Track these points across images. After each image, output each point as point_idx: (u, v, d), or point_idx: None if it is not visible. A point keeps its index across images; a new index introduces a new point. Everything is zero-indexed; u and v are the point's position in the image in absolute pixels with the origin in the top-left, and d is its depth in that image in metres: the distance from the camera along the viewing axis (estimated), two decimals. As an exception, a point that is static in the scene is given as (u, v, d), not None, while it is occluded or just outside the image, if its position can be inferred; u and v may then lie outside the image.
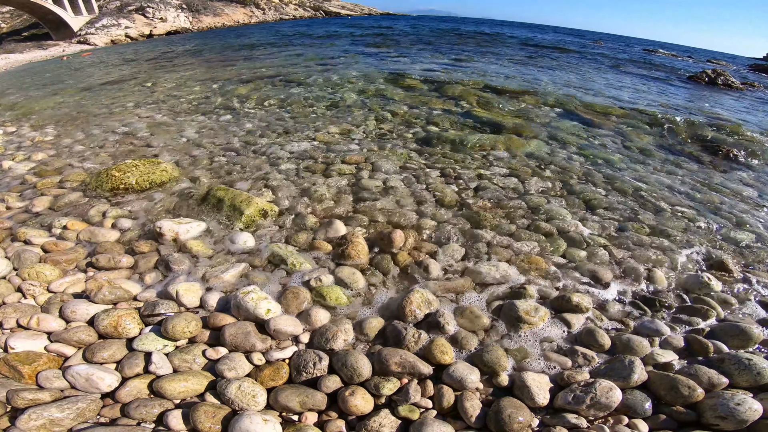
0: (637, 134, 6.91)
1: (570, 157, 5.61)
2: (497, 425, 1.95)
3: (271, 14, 51.04)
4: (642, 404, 2.07)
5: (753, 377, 2.16)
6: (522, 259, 3.22)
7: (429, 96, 8.52)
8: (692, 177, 5.31)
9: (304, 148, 5.52)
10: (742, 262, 3.49)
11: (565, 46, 22.58)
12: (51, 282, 2.80)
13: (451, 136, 6.02)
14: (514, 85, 10.09)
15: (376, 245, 3.34)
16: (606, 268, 3.23)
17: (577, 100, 8.98)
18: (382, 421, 1.99)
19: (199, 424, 1.89)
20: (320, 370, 2.21)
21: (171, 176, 4.48)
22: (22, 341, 2.25)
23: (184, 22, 40.61)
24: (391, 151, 5.47)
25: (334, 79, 9.98)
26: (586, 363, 2.35)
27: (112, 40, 32.07)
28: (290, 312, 2.58)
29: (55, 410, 1.87)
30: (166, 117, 7.11)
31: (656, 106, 9.42)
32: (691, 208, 4.40)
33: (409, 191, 4.42)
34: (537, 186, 4.66)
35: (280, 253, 3.08)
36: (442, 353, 2.30)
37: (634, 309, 2.79)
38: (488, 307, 2.74)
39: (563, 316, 2.64)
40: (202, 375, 2.19)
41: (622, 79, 13.54)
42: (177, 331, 2.32)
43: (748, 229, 4.01)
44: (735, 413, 1.94)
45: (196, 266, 3.07)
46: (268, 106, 7.76)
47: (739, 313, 2.85)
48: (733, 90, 14.20)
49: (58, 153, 5.44)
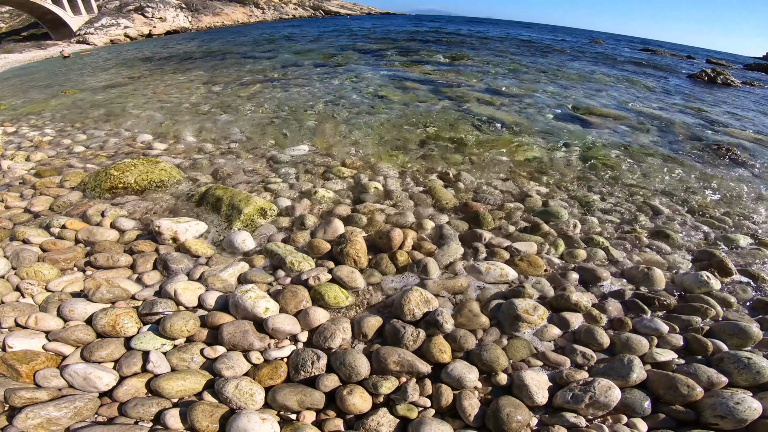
0: (635, 134, 6.90)
1: (568, 158, 5.60)
2: (496, 424, 1.95)
3: (271, 14, 51.00)
4: (641, 403, 2.07)
5: (752, 376, 2.16)
6: (521, 258, 3.22)
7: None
8: (691, 176, 5.30)
9: (303, 151, 5.52)
10: (740, 261, 3.48)
11: (560, 47, 22.51)
12: (49, 281, 2.80)
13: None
14: (514, 88, 10.05)
15: (374, 244, 3.33)
16: (604, 268, 3.23)
17: (574, 101, 8.97)
18: (380, 420, 1.99)
19: (197, 423, 1.89)
20: (318, 369, 2.21)
21: (170, 175, 4.47)
22: (20, 340, 2.25)
23: (184, 21, 40.57)
24: (390, 153, 5.46)
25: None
26: (585, 362, 2.34)
27: (111, 39, 32.04)
28: (289, 311, 2.57)
29: (53, 409, 1.87)
30: (165, 118, 7.09)
31: (655, 105, 9.41)
32: (691, 208, 4.40)
33: (407, 192, 4.42)
34: (535, 186, 4.66)
35: (279, 252, 3.07)
36: (440, 352, 2.30)
37: (632, 308, 2.78)
38: (487, 306, 2.74)
39: (562, 315, 2.63)
40: (200, 374, 2.19)
41: (622, 78, 13.51)
42: (175, 330, 2.32)
43: (747, 230, 4.01)
44: (734, 412, 1.94)
45: (194, 265, 3.07)
46: (267, 107, 7.74)
47: (738, 312, 2.85)
48: (733, 88, 14.18)
49: (57, 153, 5.43)
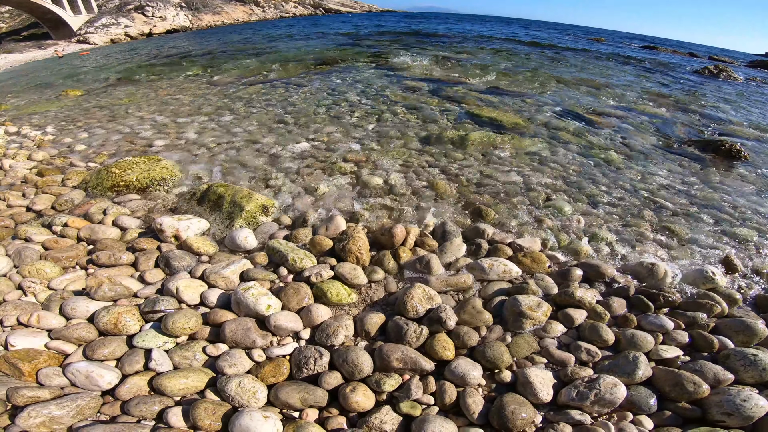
0: (638, 131, 6.86)
1: (571, 154, 5.57)
2: (500, 422, 1.94)
3: (271, 12, 50.95)
4: (647, 400, 2.05)
5: (759, 373, 2.14)
6: (524, 254, 3.20)
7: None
8: (695, 172, 5.27)
9: (304, 148, 5.50)
10: (746, 257, 3.45)
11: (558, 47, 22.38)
12: (51, 279, 2.80)
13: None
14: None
15: (377, 241, 3.32)
16: (609, 264, 3.21)
17: (576, 99, 8.92)
18: (383, 418, 1.98)
19: (199, 422, 1.88)
20: (321, 367, 2.20)
21: (171, 173, 4.46)
22: (23, 339, 2.25)
23: (184, 20, 40.57)
24: (392, 149, 5.45)
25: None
26: (590, 359, 2.32)
27: (111, 39, 32.07)
28: (291, 308, 2.56)
29: (55, 408, 1.87)
30: (167, 118, 7.08)
31: (658, 101, 9.35)
32: (694, 204, 4.37)
33: (410, 187, 4.40)
34: (538, 180, 4.63)
35: (281, 250, 3.06)
36: (444, 349, 2.28)
37: (637, 304, 2.76)
38: (490, 302, 2.72)
39: (566, 312, 2.61)
40: (202, 372, 2.18)
41: (624, 75, 13.44)
42: (177, 328, 2.31)
43: (752, 225, 3.98)
44: (741, 410, 1.92)
45: (196, 263, 3.06)
46: (268, 106, 7.72)
47: (744, 309, 2.83)
48: (736, 84, 14.09)
49: (59, 152, 5.43)
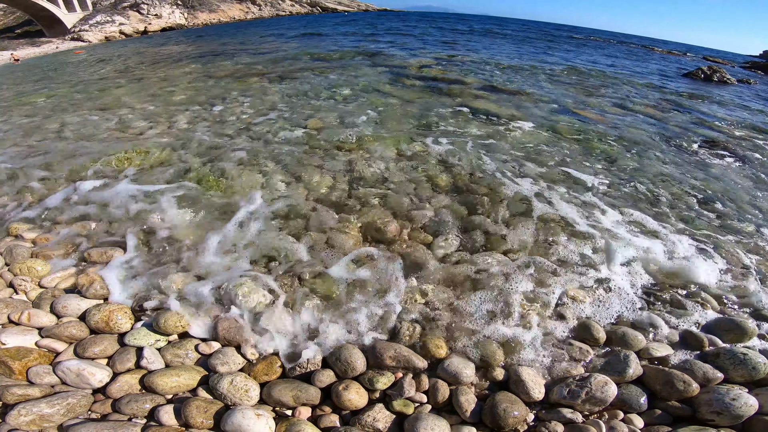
0: (632, 130, 6.90)
1: (566, 149, 5.58)
2: (492, 420, 1.94)
3: (267, 10, 50.70)
4: (637, 399, 2.06)
5: (748, 372, 2.16)
6: (518, 249, 3.20)
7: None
8: (688, 171, 5.30)
9: (297, 134, 5.48)
10: (738, 254, 3.48)
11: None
12: (42, 277, 2.77)
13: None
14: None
15: (370, 234, 3.30)
16: (602, 261, 3.21)
17: (570, 98, 8.96)
18: (376, 416, 1.98)
19: (191, 419, 1.87)
20: (314, 365, 2.20)
21: (163, 159, 4.45)
22: (13, 337, 2.23)
23: (179, 18, 40.29)
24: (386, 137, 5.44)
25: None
26: (582, 357, 2.34)
27: (106, 36, 31.75)
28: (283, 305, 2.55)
29: (45, 406, 1.85)
30: (158, 108, 7.09)
31: (651, 102, 9.41)
32: (687, 202, 4.40)
33: (406, 178, 4.39)
34: (532, 170, 4.63)
35: (273, 245, 3.04)
36: (437, 347, 2.29)
37: (629, 302, 2.78)
38: (484, 299, 2.72)
39: (559, 310, 2.63)
40: (194, 370, 2.17)
41: (617, 75, 13.52)
42: (169, 326, 2.30)
43: (749, 220, 4.02)
44: (730, 408, 1.93)
45: (188, 257, 3.02)
46: (262, 97, 7.71)
47: (735, 307, 2.85)
48: (729, 86, 14.23)
49: (50, 146, 5.37)
